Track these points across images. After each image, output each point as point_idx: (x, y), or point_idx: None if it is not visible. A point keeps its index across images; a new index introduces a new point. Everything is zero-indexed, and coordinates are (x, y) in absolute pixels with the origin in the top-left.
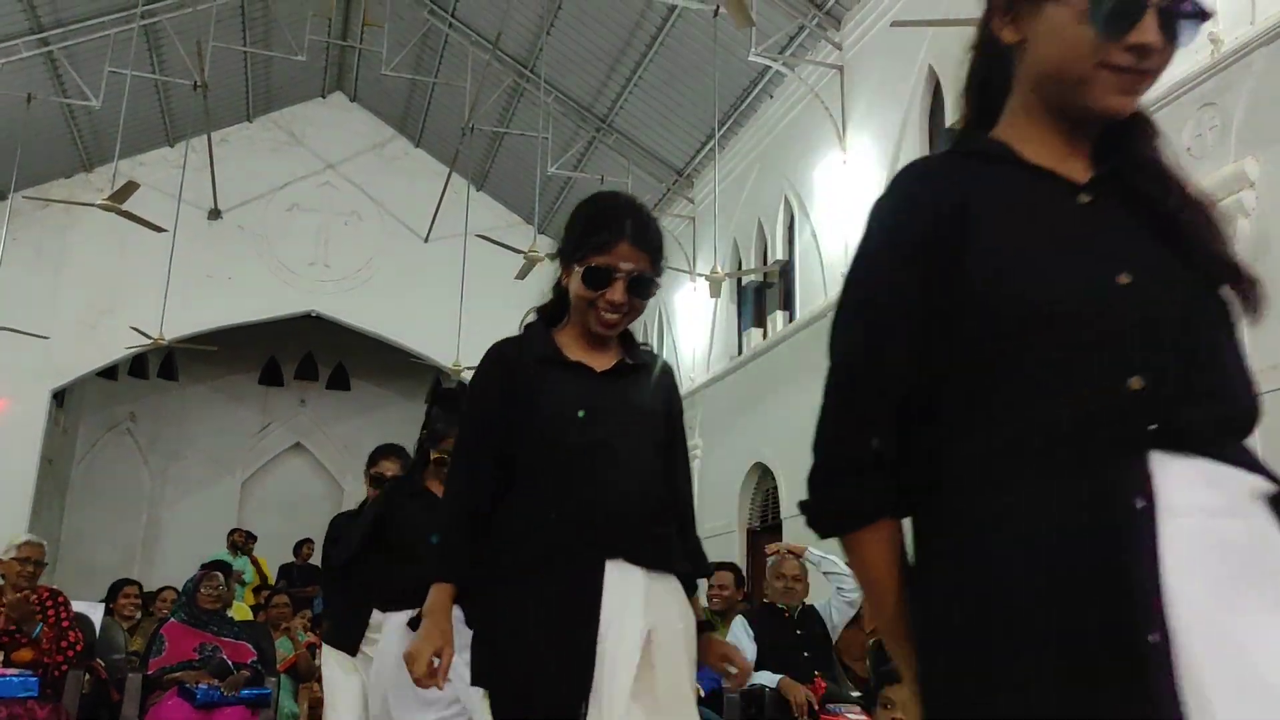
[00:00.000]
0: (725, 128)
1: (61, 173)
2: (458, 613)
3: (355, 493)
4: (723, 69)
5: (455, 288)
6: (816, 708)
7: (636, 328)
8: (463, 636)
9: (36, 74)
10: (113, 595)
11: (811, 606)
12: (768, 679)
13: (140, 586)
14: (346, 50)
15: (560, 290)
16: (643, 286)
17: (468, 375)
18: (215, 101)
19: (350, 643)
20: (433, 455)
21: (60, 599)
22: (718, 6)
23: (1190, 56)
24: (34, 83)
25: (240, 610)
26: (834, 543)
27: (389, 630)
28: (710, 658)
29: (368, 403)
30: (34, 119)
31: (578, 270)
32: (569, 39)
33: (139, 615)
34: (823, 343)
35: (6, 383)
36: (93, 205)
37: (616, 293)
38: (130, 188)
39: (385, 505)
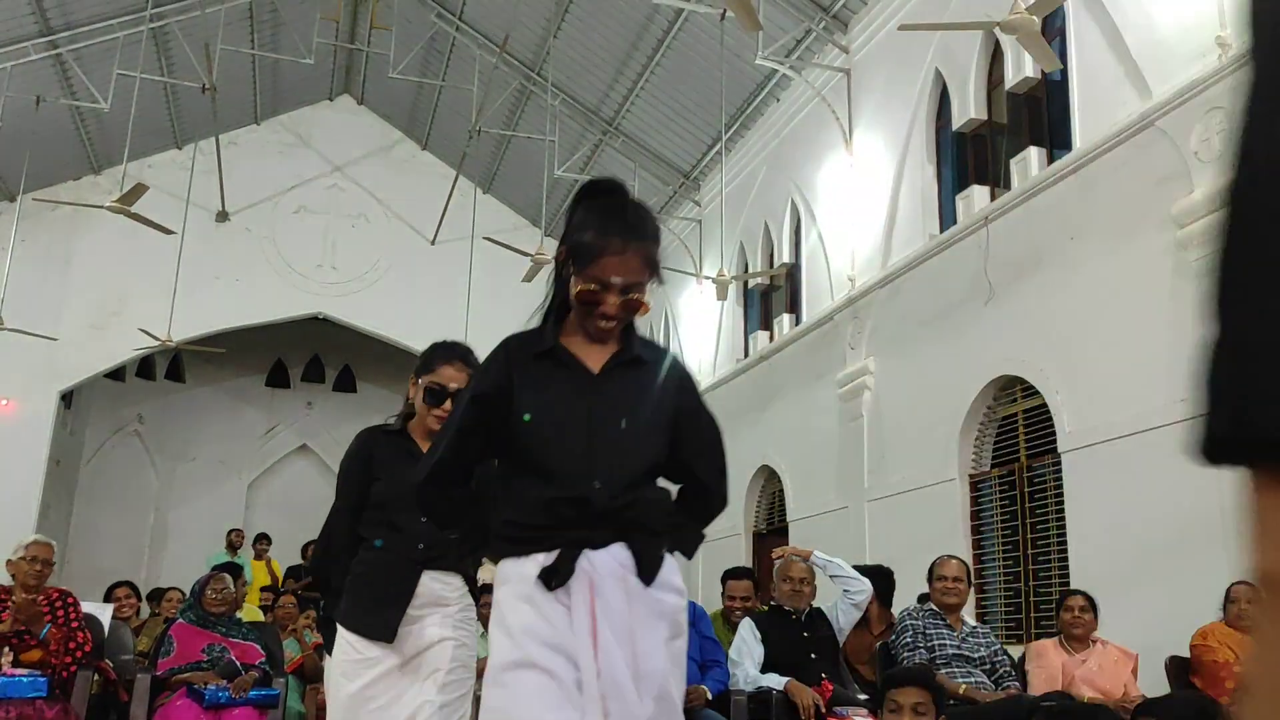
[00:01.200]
0: (732, 131)
1: (70, 175)
2: (612, 558)
3: None
4: (730, 72)
5: (462, 290)
6: (824, 710)
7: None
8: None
9: (45, 76)
10: (107, 597)
11: (819, 609)
12: (775, 681)
13: (135, 587)
14: (354, 53)
15: None
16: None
17: None
18: (223, 104)
19: (390, 623)
20: (578, 289)
21: (70, 599)
22: (725, 10)
23: (1198, 60)
24: (43, 85)
25: (250, 612)
26: (840, 546)
27: (511, 585)
28: None
29: (374, 405)
30: (43, 121)
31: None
32: (576, 42)
33: (135, 615)
34: (829, 345)
35: (15, 384)
36: (101, 207)
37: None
38: (139, 190)
39: (500, 371)
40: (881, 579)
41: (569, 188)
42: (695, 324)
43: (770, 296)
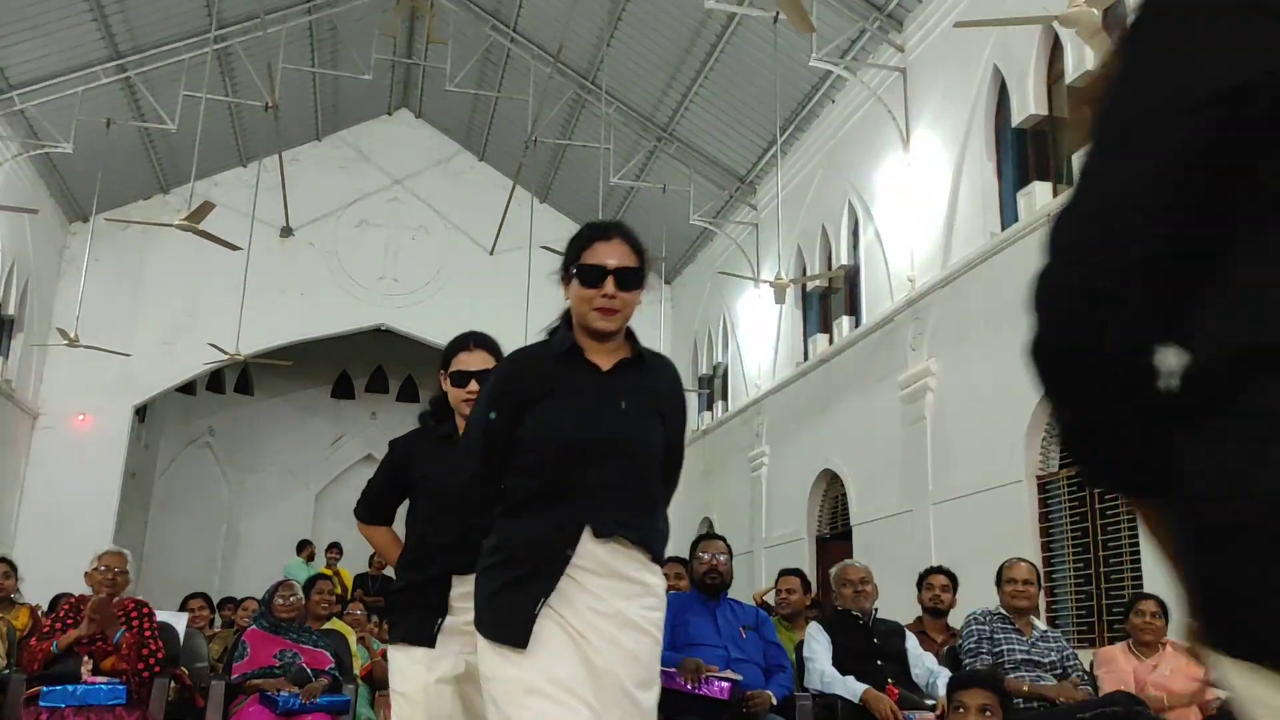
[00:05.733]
0: (787, 133)
1: (140, 194)
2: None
3: None
4: (784, 75)
5: (521, 298)
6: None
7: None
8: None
9: (115, 99)
10: (182, 608)
11: (888, 620)
12: (850, 690)
13: (209, 598)
14: (411, 68)
15: None
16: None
17: None
18: (285, 121)
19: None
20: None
21: (145, 609)
22: (777, 13)
23: None
24: (113, 108)
25: (336, 622)
26: (905, 550)
27: None
28: None
29: None
30: (113, 143)
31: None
32: (629, 50)
33: (209, 625)
34: (890, 347)
35: (91, 399)
36: (170, 225)
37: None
38: (206, 208)
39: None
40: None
41: (625, 195)
42: (754, 328)
43: (829, 299)
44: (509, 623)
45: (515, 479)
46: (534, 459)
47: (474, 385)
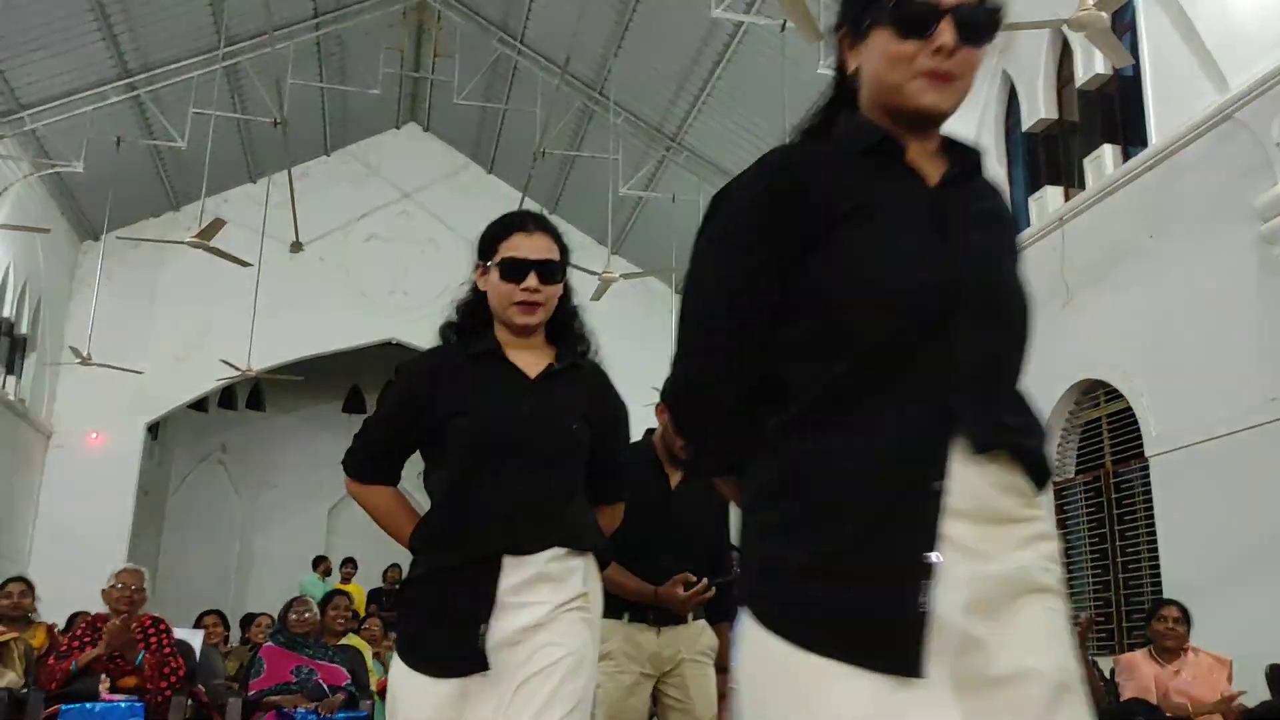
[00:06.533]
0: None
1: (151, 212)
2: None
3: None
4: (792, 83)
5: None
6: None
7: None
8: None
9: (125, 118)
10: (196, 625)
11: None
12: None
13: (223, 615)
14: (419, 81)
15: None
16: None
17: None
18: (294, 137)
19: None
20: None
21: (162, 626)
22: (785, 21)
23: (1276, 48)
24: (123, 126)
25: (352, 637)
26: None
27: None
28: None
29: None
30: (124, 161)
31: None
32: (637, 60)
33: (224, 642)
34: None
35: (103, 417)
36: (181, 243)
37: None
38: (217, 225)
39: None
40: None
41: (634, 205)
42: None
43: None
44: (864, 626)
45: (807, 362)
46: (849, 322)
47: (533, 280)
